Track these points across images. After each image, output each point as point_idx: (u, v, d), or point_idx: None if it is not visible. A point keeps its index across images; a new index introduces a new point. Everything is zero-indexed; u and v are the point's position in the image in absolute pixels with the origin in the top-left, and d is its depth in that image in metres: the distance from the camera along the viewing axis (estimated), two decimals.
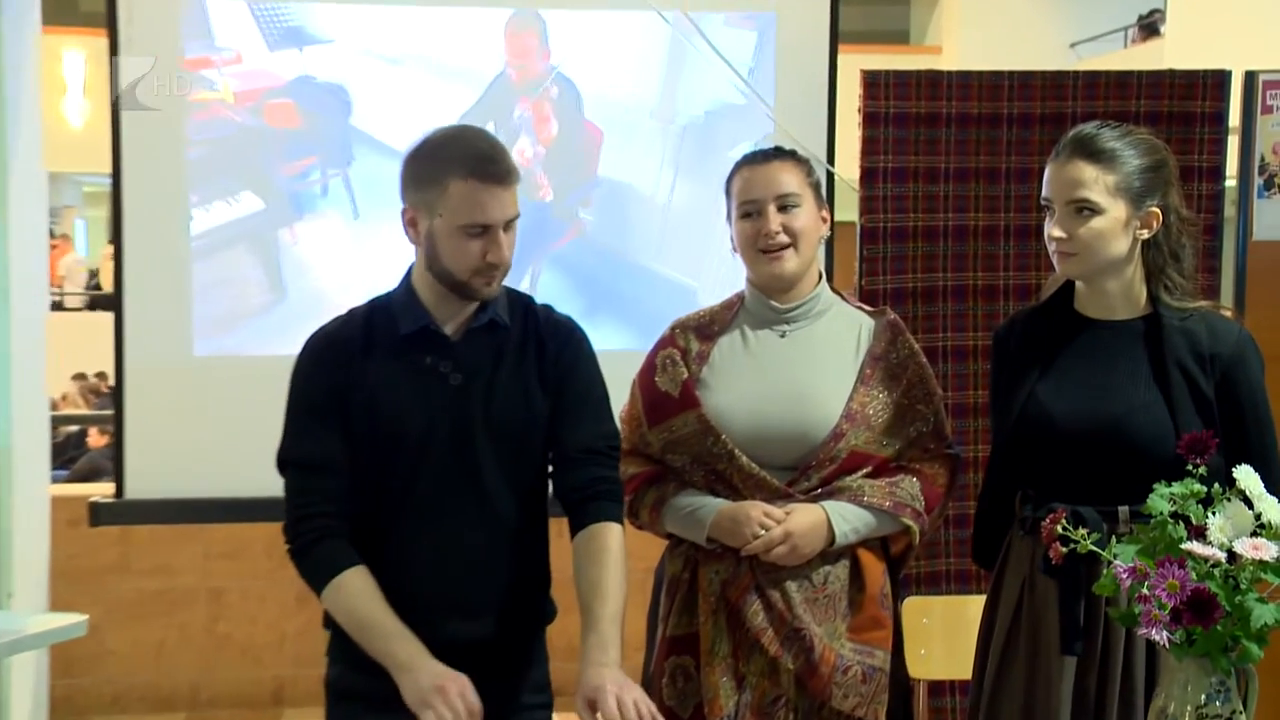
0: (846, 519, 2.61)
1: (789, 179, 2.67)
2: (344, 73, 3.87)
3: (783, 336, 2.71)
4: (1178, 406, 2.43)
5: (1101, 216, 2.43)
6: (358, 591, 2.34)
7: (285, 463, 2.42)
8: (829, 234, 2.77)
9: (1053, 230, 2.46)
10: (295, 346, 2.47)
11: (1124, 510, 2.42)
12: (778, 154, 2.72)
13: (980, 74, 3.76)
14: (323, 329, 2.48)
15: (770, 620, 2.59)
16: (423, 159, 2.37)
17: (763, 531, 2.57)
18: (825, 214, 2.74)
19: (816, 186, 2.73)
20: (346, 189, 3.89)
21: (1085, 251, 2.45)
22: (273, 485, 2.45)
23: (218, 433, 3.85)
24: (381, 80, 3.91)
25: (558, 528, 2.54)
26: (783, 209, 2.65)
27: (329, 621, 2.44)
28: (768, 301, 2.72)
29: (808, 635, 2.57)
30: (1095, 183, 2.42)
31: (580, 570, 2.41)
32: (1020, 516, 2.57)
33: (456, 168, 2.32)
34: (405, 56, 3.93)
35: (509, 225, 2.36)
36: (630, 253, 4.05)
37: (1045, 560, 2.29)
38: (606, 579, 2.38)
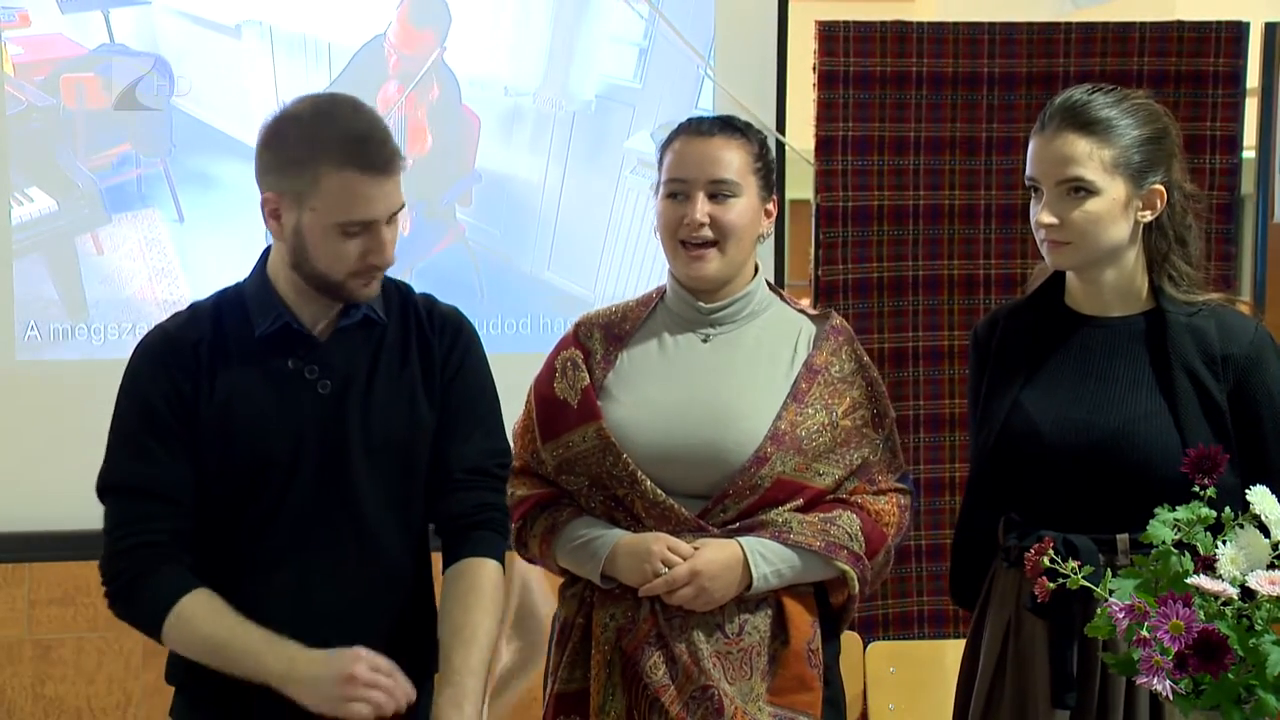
0: (767, 559, 2.59)
1: (730, 160, 2.64)
2: (164, 42, 3.78)
3: (705, 341, 2.70)
4: (1185, 417, 2.47)
5: (1098, 198, 2.47)
6: (203, 614, 2.32)
7: (108, 489, 2.40)
8: (769, 233, 2.74)
9: (1041, 216, 2.49)
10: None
11: (1123, 539, 2.46)
12: (724, 127, 2.68)
13: (956, 26, 3.80)
14: (161, 327, 2.45)
15: (672, 675, 2.57)
16: (289, 140, 2.33)
17: (665, 569, 2.56)
18: (771, 206, 2.71)
19: (765, 172, 2.69)
20: (168, 185, 3.81)
21: (1080, 239, 2.48)
22: None
23: (46, 452, 3.81)
24: (212, 52, 3.82)
25: (436, 560, 2.55)
26: (714, 196, 2.63)
27: (173, 675, 2.43)
28: (691, 300, 2.70)
29: (717, 695, 2.55)
30: (1090, 158, 2.46)
31: (445, 611, 2.43)
32: (1004, 546, 2.61)
33: (331, 154, 2.28)
34: (243, 24, 3.84)
35: (393, 217, 2.35)
36: (516, 260, 4.03)
37: (1032, 598, 2.32)
38: (474, 623, 2.39)
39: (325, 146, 2.29)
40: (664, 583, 2.55)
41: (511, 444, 2.67)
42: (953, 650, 2.81)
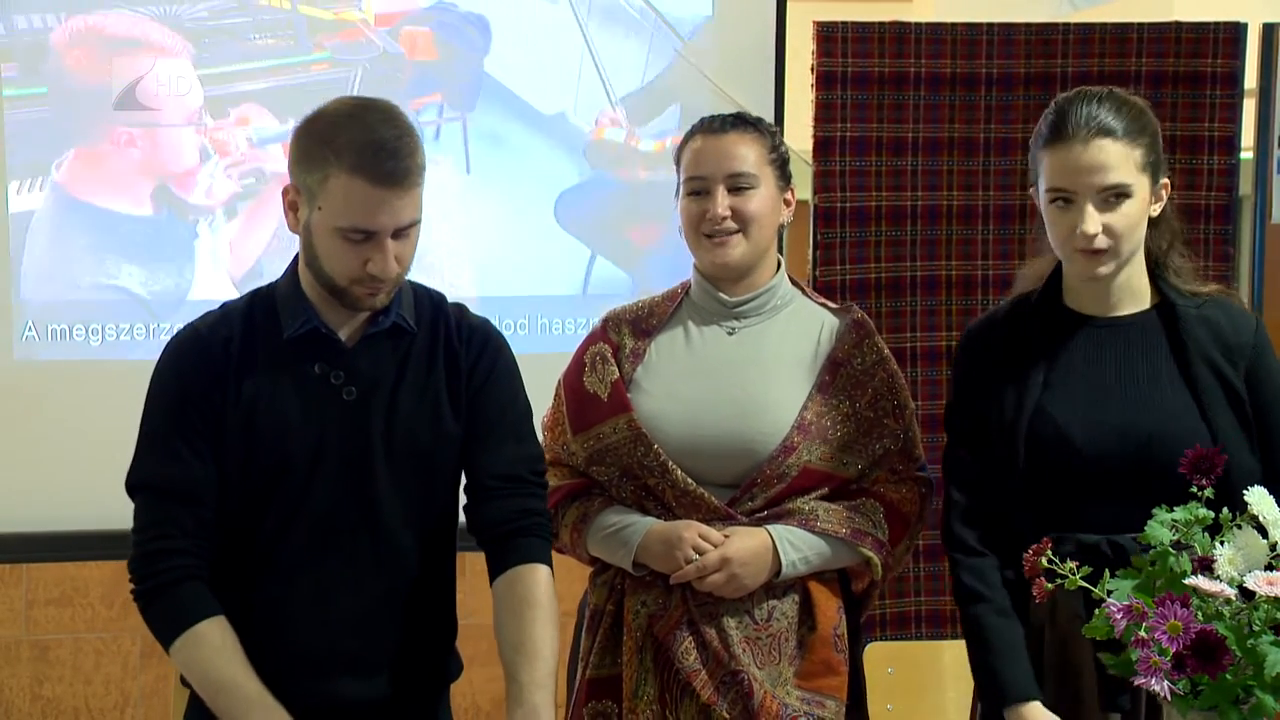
0: (795, 546, 2.65)
1: (746, 154, 2.71)
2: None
3: (731, 334, 2.76)
4: (1210, 408, 2.48)
5: (1132, 200, 2.47)
6: (215, 647, 2.33)
7: (137, 486, 2.40)
8: (790, 220, 2.81)
9: (1087, 226, 2.45)
10: None
11: None
12: (736, 123, 2.75)
13: (954, 27, 3.79)
14: (192, 326, 2.46)
15: (703, 660, 2.63)
16: (311, 136, 2.34)
17: (696, 556, 2.61)
18: (790, 196, 2.79)
19: (780, 164, 2.77)
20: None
21: (1120, 243, 2.48)
22: (112, 516, 2.43)
23: (44, 453, 3.81)
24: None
25: (458, 564, 2.55)
26: (734, 189, 2.69)
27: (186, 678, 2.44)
28: (715, 293, 2.76)
29: (746, 679, 2.61)
30: (1126, 160, 2.46)
31: (503, 625, 2.41)
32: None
33: (343, 157, 2.28)
34: None
35: (403, 232, 2.34)
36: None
37: (1083, 603, 2.30)
38: (535, 636, 2.38)
39: (340, 149, 2.28)
40: (695, 569, 2.61)
41: (540, 437, 2.70)
42: (950, 651, 2.82)
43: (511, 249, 3.90)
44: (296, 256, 2.46)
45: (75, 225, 3.75)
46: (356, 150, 2.28)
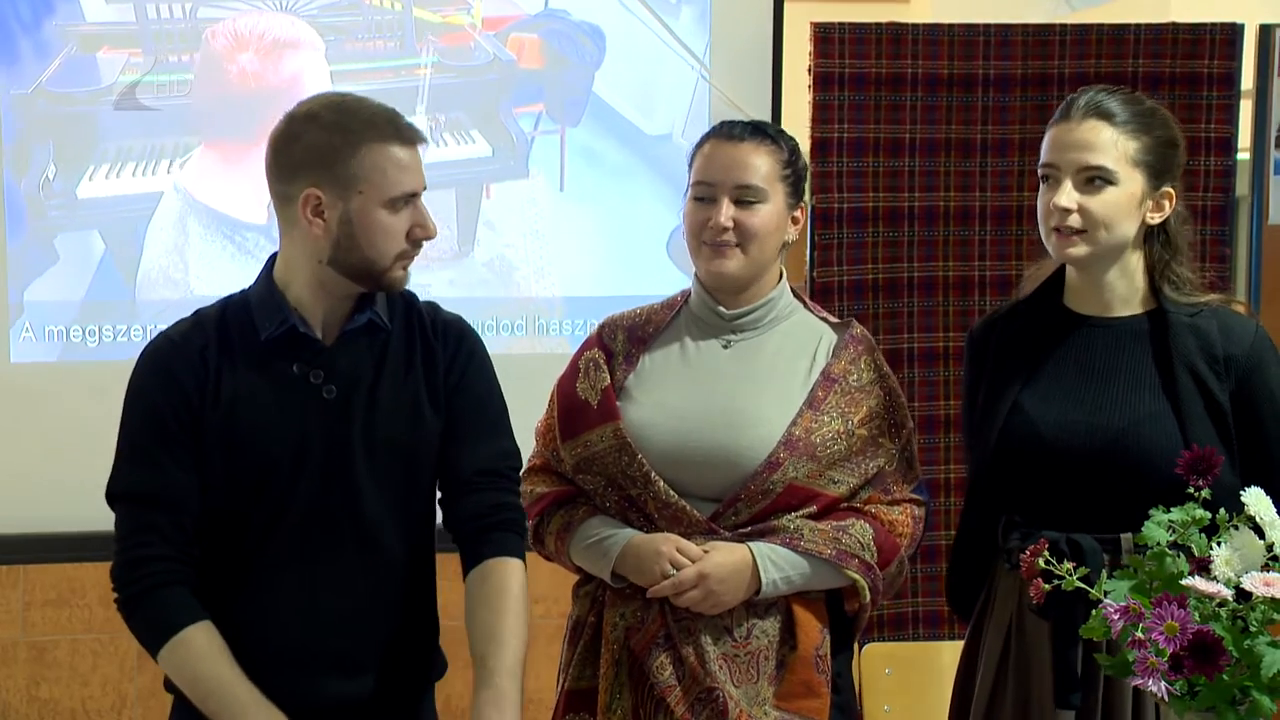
0: (777, 565, 2.59)
1: (758, 166, 2.65)
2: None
3: (726, 347, 2.72)
4: (1188, 417, 2.48)
5: (1116, 188, 2.48)
6: (202, 651, 2.33)
7: (117, 496, 2.40)
8: (795, 240, 2.75)
9: (1059, 199, 2.48)
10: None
11: (1127, 538, 2.46)
12: (754, 132, 2.69)
13: (952, 28, 3.80)
14: (165, 334, 2.46)
15: (679, 677, 2.58)
16: (321, 134, 2.35)
17: (673, 570, 2.58)
18: (799, 214, 2.73)
19: (794, 180, 2.70)
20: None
21: (1095, 229, 2.48)
22: (110, 518, 2.42)
23: (41, 454, 3.81)
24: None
25: (442, 566, 2.55)
26: (740, 201, 2.64)
27: (173, 683, 2.44)
28: (714, 305, 2.72)
29: (721, 698, 2.56)
30: (1114, 146, 2.48)
31: (474, 614, 2.42)
32: (1006, 548, 2.60)
33: (373, 132, 2.34)
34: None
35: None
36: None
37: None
38: (504, 624, 2.40)
39: (363, 128, 2.34)
40: (671, 584, 2.57)
41: (534, 442, 2.73)
42: (948, 651, 2.81)
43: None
44: (269, 264, 2.46)
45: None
46: (379, 124, 2.36)
